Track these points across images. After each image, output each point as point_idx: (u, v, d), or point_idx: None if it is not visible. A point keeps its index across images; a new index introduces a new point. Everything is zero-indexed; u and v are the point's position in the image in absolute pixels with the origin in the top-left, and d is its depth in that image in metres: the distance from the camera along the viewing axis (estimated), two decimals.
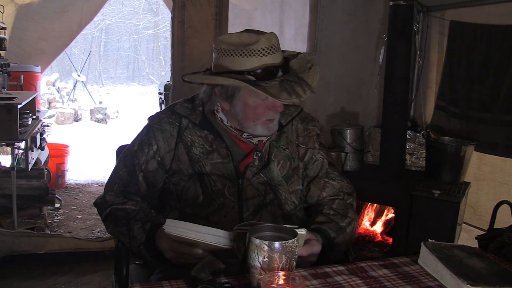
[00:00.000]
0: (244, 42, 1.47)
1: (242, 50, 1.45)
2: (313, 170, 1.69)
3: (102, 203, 1.62)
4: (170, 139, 1.60)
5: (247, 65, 1.45)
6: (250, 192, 1.57)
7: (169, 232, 1.29)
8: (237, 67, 1.47)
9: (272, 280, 1.05)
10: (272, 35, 1.48)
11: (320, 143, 1.72)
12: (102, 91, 16.21)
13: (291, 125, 1.68)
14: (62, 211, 4.42)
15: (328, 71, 3.75)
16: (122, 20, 18.66)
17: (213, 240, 1.27)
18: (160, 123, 1.63)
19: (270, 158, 1.62)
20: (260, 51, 1.45)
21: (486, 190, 3.15)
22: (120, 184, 1.62)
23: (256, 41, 1.45)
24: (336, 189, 1.69)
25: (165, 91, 4.92)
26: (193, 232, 1.27)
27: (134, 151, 1.64)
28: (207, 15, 3.60)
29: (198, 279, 1.15)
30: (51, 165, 4.69)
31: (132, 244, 1.49)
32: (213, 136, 1.60)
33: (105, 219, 1.60)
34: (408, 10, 2.99)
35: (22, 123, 3.37)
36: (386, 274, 1.32)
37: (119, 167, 1.66)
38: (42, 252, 3.24)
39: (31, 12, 4.29)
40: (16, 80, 4.28)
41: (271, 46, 1.46)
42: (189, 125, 1.61)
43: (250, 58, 1.45)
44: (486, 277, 1.23)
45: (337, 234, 1.55)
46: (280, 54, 1.51)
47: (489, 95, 3.09)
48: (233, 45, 1.47)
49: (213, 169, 1.57)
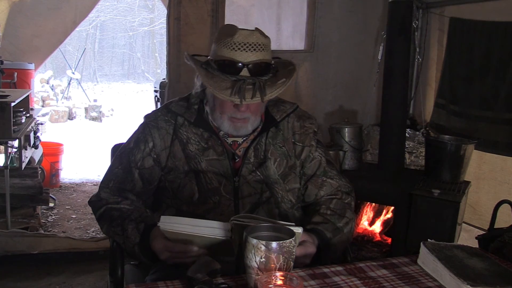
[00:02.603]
0: (227, 33, 1.49)
1: (220, 40, 1.49)
2: (310, 168, 1.69)
3: (97, 201, 1.62)
4: (166, 136, 1.61)
5: (218, 54, 1.49)
6: (246, 190, 1.58)
7: (164, 229, 1.29)
8: (213, 55, 1.53)
9: (269, 280, 1.05)
10: (255, 35, 1.48)
11: (318, 140, 1.72)
12: (96, 89, 16.21)
13: (287, 122, 1.68)
14: (56, 211, 4.40)
15: (326, 68, 3.75)
16: (117, 17, 18.67)
17: (209, 232, 1.27)
18: (156, 121, 1.64)
19: (266, 155, 1.62)
20: (231, 44, 1.46)
21: (486, 189, 3.14)
22: (116, 181, 1.62)
23: (232, 34, 1.47)
24: (334, 188, 1.68)
25: (160, 89, 4.87)
26: (189, 226, 1.27)
27: (130, 148, 1.64)
28: (203, 12, 3.60)
29: (194, 279, 1.14)
30: (45, 164, 4.66)
31: (126, 245, 1.49)
32: (209, 134, 1.60)
33: (100, 218, 1.60)
34: (407, 7, 2.98)
35: (16, 121, 3.35)
36: (385, 274, 1.31)
37: (115, 165, 1.67)
38: (36, 252, 3.23)
39: (25, 8, 4.26)
40: (9, 77, 4.25)
41: (246, 43, 1.46)
42: (184, 123, 1.62)
43: (222, 48, 1.48)
44: (487, 278, 1.23)
45: (334, 234, 1.54)
46: (259, 55, 1.48)
47: (489, 93, 3.09)
48: (220, 34, 1.52)
49: (209, 166, 1.57)
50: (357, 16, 3.82)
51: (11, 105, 3.12)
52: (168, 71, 3.69)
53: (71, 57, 14.18)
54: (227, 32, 1.50)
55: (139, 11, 18.74)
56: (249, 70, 1.47)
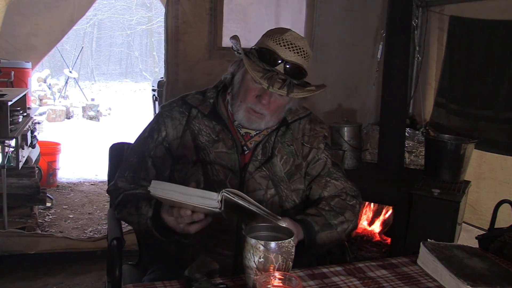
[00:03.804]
0: (278, 31, 1.57)
1: (270, 35, 1.56)
2: (315, 169, 1.70)
3: (115, 191, 1.65)
4: (178, 126, 1.65)
5: (263, 45, 1.56)
6: (252, 185, 1.59)
7: (154, 194, 1.29)
8: (257, 45, 1.59)
9: (268, 280, 1.05)
10: (303, 41, 1.56)
11: (326, 143, 1.74)
12: (94, 88, 16.18)
13: (298, 124, 1.72)
14: (54, 211, 4.38)
15: (325, 67, 3.73)
16: (115, 15, 18.63)
17: (199, 201, 1.26)
18: (171, 111, 1.68)
19: (273, 152, 1.64)
20: (279, 40, 1.53)
21: (486, 189, 3.14)
22: (131, 170, 1.66)
23: (283, 33, 1.55)
24: (338, 189, 1.68)
25: (158, 87, 4.87)
26: (179, 194, 1.26)
27: (145, 138, 1.69)
28: (201, 10, 3.60)
29: (192, 279, 1.14)
30: (42, 164, 4.64)
31: (140, 222, 1.51)
32: (221, 127, 1.64)
33: (117, 205, 1.63)
34: (407, 5, 2.98)
35: (13, 120, 3.34)
36: (384, 274, 1.32)
37: (130, 154, 1.71)
38: (33, 252, 3.22)
39: (22, 7, 4.24)
40: (6, 76, 4.22)
41: (292, 44, 1.52)
42: (198, 115, 1.66)
43: (269, 41, 1.54)
44: (487, 278, 1.24)
45: (322, 229, 1.53)
46: (299, 59, 1.53)
47: (489, 92, 3.09)
48: (271, 30, 1.60)
49: (217, 158, 1.60)
50: (356, 15, 3.81)
51: (8, 104, 3.11)
52: (166, 70, 3.68)
53: (69, 56, 14.10)
54: (279, 31, 1.57)
55: (136, 9, 18.71)
56: (285, 67, 1.52)
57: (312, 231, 1.50)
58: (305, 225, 1.49)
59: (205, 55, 3.65)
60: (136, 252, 1.92)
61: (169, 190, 1.27)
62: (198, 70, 3.62)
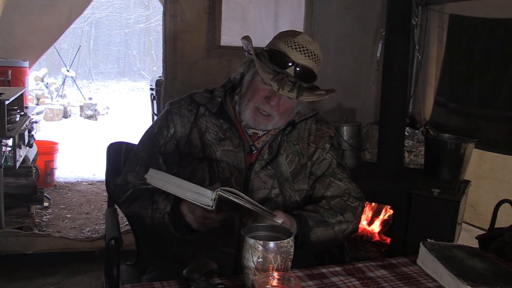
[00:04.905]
0: (290, 34, 1.57)
1: (282, 37, 1.57)
2: (319, 168, 1.70)
3: (123, 185, 1.66)
4: (187, 124, 1.66)
5: (274, 46, 1.56)
6: (257, 184, 1.60)
7: (150, 182, 1.28)
8: (268, 46, 1.60)
9: (267, 281, 1.05)
10: (315, 44, 1.56)
11: (332, 144, 1.75)
12: (92, 87, 16.15)
13: (304, 123, 1.72)
14: (51, 210, 4.36)
15: (324, 66, 3.69)
16: (113, 13, 18.59)
17: (193, 197, 1.25)
18: (180, 108, 1.69)
19: (279, 151, 1.65)
20: (290, 42, 1.53)
21: (486, 189, 3.14)
22: (142, 165, 1.66)
23: (295, 35, 1.55)
24: (341, 190, 1.68)
25: (156, 86, 4.86)
26: (175, 187, 1.26)
27: (154, 134, 1.69)
28: (200, 9, 3.61)
29: (190, 279, 1.14)
30: (40, 163, 4.62)
31: (155, 216, 1.50)
32: (228, 125, 1.65)
33: (126, 199, 1.63)
34: (406, 4, 2.97)
35: (10, 119, 3.33)
36: (384, 274, 1.32)
37: (139, 149, 1.72)
38: (30, 252, 3.21)
39: (19, 5, 4.25)
40: (3, 75, 4.23)
41: (304, 47, 1.53)
42: (205, 113, 1.67)
43: (281, 43, 1.54)
44: (487, 278, 1.24)
45: (317, 224, 1.53)
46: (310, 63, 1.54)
47: (489, 91, 3.09)
48: (283, 33, 1.60)
49: (223, 156, 1.61)
50: (355, 13, 3.81)
51: (5, 103, 3.11)
52: (164, 68, 3.68)
53: (66, 55, 14.02)
54: (291, 33, 1.57)
55: (134, 8, 18.67)
56: (295, 70, 1.52)
57: (306, 226, 1.50)
58: (300, 219, 1.50)
59: (204, 54, 3.65)
60: (134, 252, 1.91)
61: (165, 181, 1.27)
62: (197, 69, 3.62)
